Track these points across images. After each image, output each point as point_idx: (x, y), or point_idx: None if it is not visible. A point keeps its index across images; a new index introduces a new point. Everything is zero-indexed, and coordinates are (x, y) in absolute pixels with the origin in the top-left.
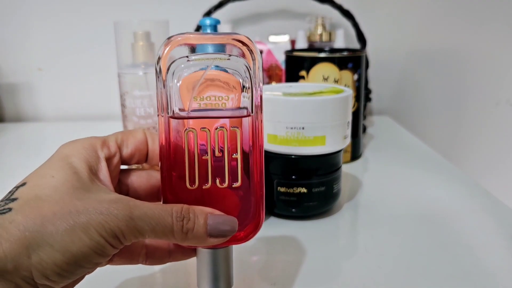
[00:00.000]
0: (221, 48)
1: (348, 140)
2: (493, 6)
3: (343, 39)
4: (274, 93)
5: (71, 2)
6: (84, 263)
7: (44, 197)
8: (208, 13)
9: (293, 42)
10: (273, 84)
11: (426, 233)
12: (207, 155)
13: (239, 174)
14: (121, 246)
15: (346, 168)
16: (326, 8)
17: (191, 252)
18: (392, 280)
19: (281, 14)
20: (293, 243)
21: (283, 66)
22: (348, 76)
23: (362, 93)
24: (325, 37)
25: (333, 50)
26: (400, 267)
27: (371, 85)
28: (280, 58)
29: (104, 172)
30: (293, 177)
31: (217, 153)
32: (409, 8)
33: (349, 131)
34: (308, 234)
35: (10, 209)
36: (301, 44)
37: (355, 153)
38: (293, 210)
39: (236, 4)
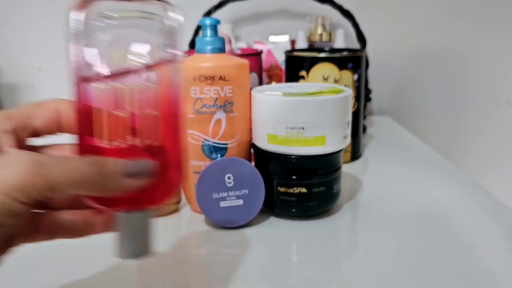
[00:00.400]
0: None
1: (348, 140)
2: (493, 6)
3: (343, 39)
4: (274, 93)
5: (71, 2)
6: None
7: None
8: (208, 13)
9: (293, 42)
10: (273, 84)
11: (426, 233)
12: (122, 113)
13: (158, 133)
14: (32, 202)
15: (346, 168)
16: (326, 8)
17: (111, 221)
18: (392, 280)
19: (281, 14)
20: (293, 243)
21: (283, 66)
22: (348, 76)
23: (362, 93)
24: (325, 37)
25: (333, 50)
26: (400, 267)
27: (371, 85)
28: (280, 58)
29: (9, 145)
30: (293, 177)
31: (131, 110)
32: (409, 8)
33: (349, 131)
34: (308, 234)
35: None
36: (301, 44)
37: (355, 153)
38: (293, 210)
39: (236, 4)
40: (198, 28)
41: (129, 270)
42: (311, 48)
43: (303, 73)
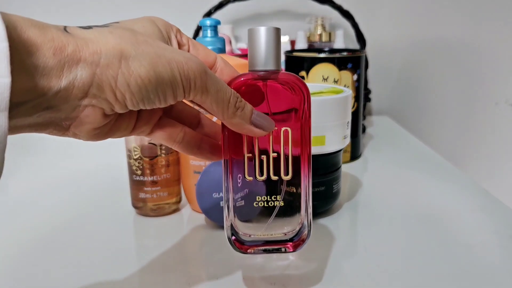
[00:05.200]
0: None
1: (348, 140)
2: (493, 6)
3: (343, 39)
4: None
5: (71, 2)
6: (159, 88)
7: (137, 30)
8: (208, 14)
9: (293, 43)
10: None
11: (426, 232)
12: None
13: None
14: (182, 98)
15: (346, 168)
16: (326, 9)
17: (218, 152)
18: (392, 280)
19: (281, 14)
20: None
21: (283, 67)
22: (347, 76)
23: (362, 93)
24: (324, 38)
25: (332, 51)
26: (400, 266)
27: (370, 85)
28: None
29: (175, 47)
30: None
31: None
32: (408, 8)
33: (348, 131)
34: None
35: (108, 25)
36: (301, 44)
37: (354, 153)
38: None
39: (236, 4)
40: (198, 29)
41: (129, 270)
42: (311, 48)
43: (302, 73)
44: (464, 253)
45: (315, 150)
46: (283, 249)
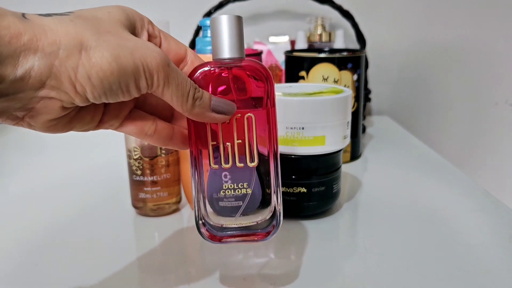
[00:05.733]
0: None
1: (348, 140)
2: (493, 6)
3: (343, 39)
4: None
5: (70, 2)
6: (122, 80)
7: (101, 18)
8: (208, 14)
9: (293, 43)
10: None
11: (426, 232)
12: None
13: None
14: (145, 90)
15: (346, 168)
16: (326, 9)
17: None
18: (392, 280)
19: (281, 14)
20: (293, 243)
21: (283, 67)
22: (347, 76)
23: (362, 93)
24: (325, 38)
25: (332, 51)
26: (400, 266)
27: (370, 85)
28: (280, 59)
29: (144, 39)
30: (293, 177)
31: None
32: (408, 8)
33: (348, 131)
34: (308, 234)
35: (70, 13)
36: (301, 44)
37: (354, 153)
38: (293, 210)
39: (236, 4)
40: (198, 29)
41: (129, 270)
42: (311, 48)
43: (303, 73)
44: (464, 253)
45: (316, 150)
46: (255, 238)
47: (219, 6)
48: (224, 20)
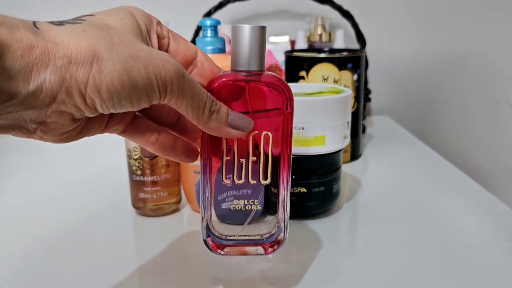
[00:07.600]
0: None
1: (348, 140)
2: (492, 6)
3: (343, 39)
4: None
5: (70, 2)
6: (133, 94)
7: (113, 27)
8: (208, 14)
9: (293, 43)
10: None
11: (426, 232)
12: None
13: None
14: (158, 102)
15: (346, 168)
16: (326, 9)
17: (192, 154)
18: (392, 280)
19: (281, 14)
20: (293, 243)
21: (283, 67)
22: (347, 76)
23: (362, 93)
24: (325, 38)
25: (332, 51)
26: (400, 266)
27: (370, 85)
28: (280, 59)
29: (154, 43)
30: (293, 177)
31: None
32: (408, 8)
33: (348, 131)
34: (308, 234)
35: (82, 21)
36: (301, 44)
37: (354, 153)
38: (293, 210)
39: (236, 4)
40: (198, 29)
41: (129, 270)
42: (311, 48)
43: (303, 73)
44: (464, 253)
45: (316, 150)
46: (259, 251)
47: (219, 6)
48: (246, 30)
